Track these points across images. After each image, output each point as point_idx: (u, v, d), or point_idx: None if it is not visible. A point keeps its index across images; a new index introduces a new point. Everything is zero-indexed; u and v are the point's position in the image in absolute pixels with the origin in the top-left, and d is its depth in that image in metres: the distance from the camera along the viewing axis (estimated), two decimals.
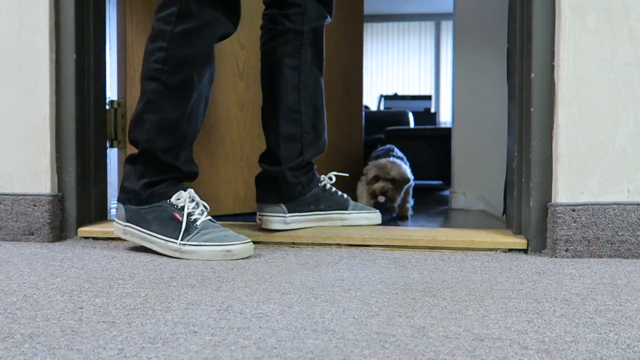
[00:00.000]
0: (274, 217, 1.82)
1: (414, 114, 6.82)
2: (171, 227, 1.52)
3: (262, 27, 1.89)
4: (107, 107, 1.97)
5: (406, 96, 7.59)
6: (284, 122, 1.82)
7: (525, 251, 1.60)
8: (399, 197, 2.57)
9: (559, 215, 1.52)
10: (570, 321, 0.97)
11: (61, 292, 1.14)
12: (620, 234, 1.52)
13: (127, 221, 1.59)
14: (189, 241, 1.49)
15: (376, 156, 2.76)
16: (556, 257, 1.53)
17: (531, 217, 1.59)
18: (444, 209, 3.15)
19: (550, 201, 1.57)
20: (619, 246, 1.52)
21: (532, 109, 1.58)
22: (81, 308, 1.03)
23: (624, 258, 1.52)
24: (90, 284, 1.21)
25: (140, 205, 1.57)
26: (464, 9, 3.14)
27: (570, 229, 1.52)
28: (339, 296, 1.12)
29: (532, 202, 1.59)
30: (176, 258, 1.50)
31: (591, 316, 1.00)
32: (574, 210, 1.52)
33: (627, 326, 0.95)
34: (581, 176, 1.54)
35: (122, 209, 1.60)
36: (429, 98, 7.59)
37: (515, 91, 1.70)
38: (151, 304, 1.06)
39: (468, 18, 3.12)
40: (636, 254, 1.52)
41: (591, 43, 1.54)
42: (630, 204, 1.53)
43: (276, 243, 1.68)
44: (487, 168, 3.01)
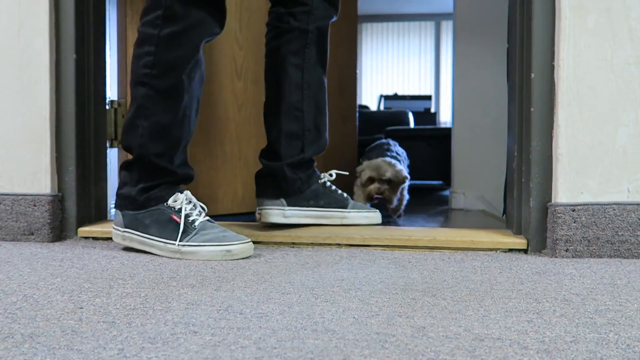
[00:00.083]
0: (273, 210, 1.82)
1: (414, 114, 6.82)
2: (169, 229, 1.52)
3: (267, 25, 1.89)
4: (107, 107, 1.97)
5: (406, 96, 7.59)
6: (286, 119, 1.83)
7: (525, 251, 1.60)
8: (396, 197, 2.47)
9: (559, 215, 1.52)
10: (570, 321, 0.97)
11: (61, 292, 1.14)
12: (620, 234, 1.52)
13: (126, 227, 1.59)
14: (188, 242, 1.49)
15: (369, 150, 2.65)
16: (556, 257, 1.53)
17: (531, 217, 1.59)
18: (444, 209, 3.15)
19: (550, 201, 1.57)
20: (619, 246, 1.52)
21: (532, 109, 1.58)
22: (81, 308, 1.03)
23: (624, 258, 1.52)
24: (90, 284, 1.21)
25: (137, 210, 1.57)
26: (464, 9, 3.14)
27: (570, 229, 1.52)
28: (339, 296, 1.12)
29: (532, 202, 1.59)
30: (176, 259, 1.50)
31: (591, 316, 1.00)
32: (574, 210, 1.52)
33: (627, 326, 0.95)
34: (581, 176, 1.54)
35: (119, 215, 1.60)
36: (429, 98, 7.59)
37: (515, 91, 1.70)
38: (151, 304, 1.06)
39: (468, 18, 3.12)
40: (636, 254, 1.52)
41: (591, 43, 1.54)
42: (630, 204, 1.53)
43: (276, 243, 1.68)
44: (487, 168, 3.01)
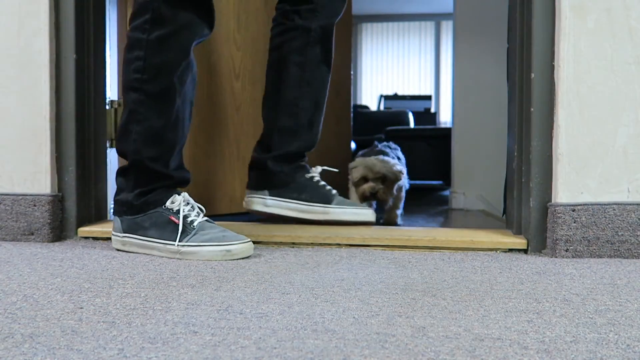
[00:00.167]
0: (255, 199, 1.92)
1: (414, 114, 6.82)
2: (168, 231, 1.52)
3: (273, 20, 1.92)
4: (107, 107, 1.97)
5: (406, 96, 7.59)
6: (282, 115, 1.88)
7: (525, 251, 1.60)
8: (392, 196, 2.31)
9: (559, 215, 1.52)
10: (570, 321, 0.97)
11: (61, 292, 1.14)
12: (620, 234, 1.52)
13: (124, 231, 1.59)
14: (187, 242, 1.49)
15: (363, 154, 2.51)
16: (556, 257, 1.53)
17: (531, 217, 1.59)
18: (444, 209, 3.15)
19: (550, 201, 1.57)
20: (619, 246, 1.52)
21: (532, 109, 1.58)
22: (81, 308, 1.03)
23: (624, 258, 1.52)
24: (90, 284, 1.21)
25: (135, 215, 1.57)
26: (464, 9, 3.14)
27: (570, 229, 1.52)
28: (339, 296, 1.12)
29: (532, 202, 1.59)
30: (176, 259, 1.50)
31: (591, 316, 1.00)
32: (574, 210, 1.52)
33: (627, 326, 0.95)
34: (581, 176, 1.54)
35: (118, 221, 1.60)
36: (429, 98, 7.59)
37: (515, 91, 1.70)
38: (151, 304, 1.06)
39: (468, 18, 3.12)
40: (636, 254, 1.52)
41: (591, 43, 1.54)
42: (630, 204, 1.53)
43: (276, 243, 1.68)
44: (487, 168, 3.01)
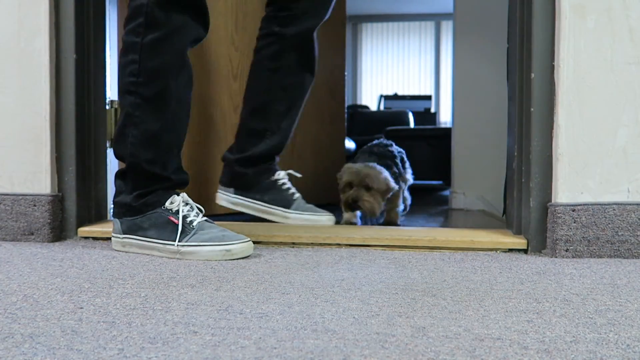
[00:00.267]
0: (222, 195, 2.02)
1: (414, 114, 6.82)
2: (168, 231, 1.52)
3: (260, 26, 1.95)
4: (107, 107, 1.97)
5: (406, 96, 7.59)
6: (252, 118, 1.95)
7: (525, 251, 1.60)
8: (380, 207, 2.15)
9: (559, 215, 1.52)
10: (570, 321, 0.97)
11: (61, 292, 1.14)
12: (620, 234, 1.52)
13: (124, 233, 1.59)
14: (187, 242, 1.49)
15: (361, 152, 2.38)
16: (556, 257, 1.53)
17: (531, 217, 1.59)
18: (444, 209, 3.15)
19: (550, 201, 1.57)
20: (619, 246, 1.52)
21: (532, 109, 1.58)
22: (81, 308, 1.03)
23: (624, 258, 1.52)
24: (90, 284, 1.21)
25: (135, 216, 1.58)
26: (464, 9, 3.14)
27: (570, 229, 1.52)
28: (339, 296, 1.12)
29: (532, 202, 1.58)
30: (176, 259, 1.50)
31: (591, 316, 1.00)
32: (574, 210, 1.52)
33: (627, 326, 0.95)
34: (581, 176, 1.54)
35: (118, 223, 1.61)
36: (429, 98, 7.59)
37: (515, 91, 1.70)
38: (151, 304, 1.06)
39: (468, 18, 3.12)
40: (636, 254, 1.52)
41: (591, 43, 1.54)
42: (630, 204, 1.53)
43: (276, 243, 1.68)
44: (487, 168, 3.01)
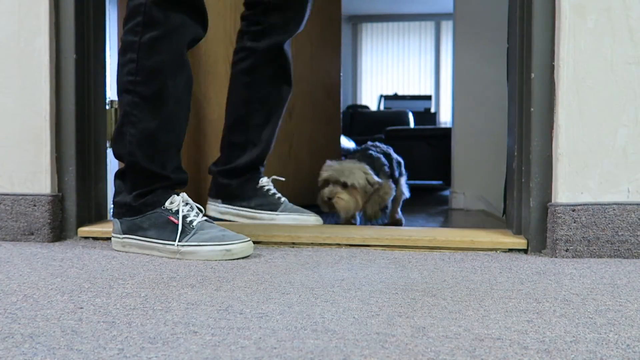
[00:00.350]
0: (210, 206, 2.07)
1: (414, 114, 6.82)
2: (168, 231, 1.52)
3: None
4: (107, 107, 1.97)
5: (406, 96, 7.59)
6: (232, 131, 1.99)
7: (525, 251, 1.60)
8: (357, 205, 2.05)
9: (559, 215, 1.52)
10: (570, 321, 0.97)
11: (61, 292, 1.14)
12: (620, 234, 1.52)
13: (124, 233, 1.59)
14: (187, 242, 1.49)
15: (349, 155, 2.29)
16: (556, 257, 1.53)
17: (531, 217, 1.59)
18: (444, 209, 3.15)
19: (550, 201, 1.57)
20: (619, 246, 1.52)
21: (532, 109, 1.58)
22: (81, 308, 1.03)
23: (624, 258, 1.52)
24: (90, 284, 1.21)
25: (134, 216, 1.58)
26: (464, 9, 3.14)
27: (570, 229, 1.52)
28: (339, 296, 1.12)
29: (532, 202, 1.58)
30: (176, 259, 1.50)
31: (591, 316, 1.00)
32: (574, 210, 1.52)
33: (627, 326, 0.95)
34: (581, 176, 1.54)
35: (117, 223, 1.61)
36: (429, 98, 7.59)
37: (515, 91, 1.70)
38: (151, 304, 1.06)
39: (468, 18, 3.12)
40: (636, 254, 1.52)
41: (591, 43, 1.54)
42: (630, 204, 1.53)
43: (276, 243, 1.68)
44: (487, 168, 3.01)
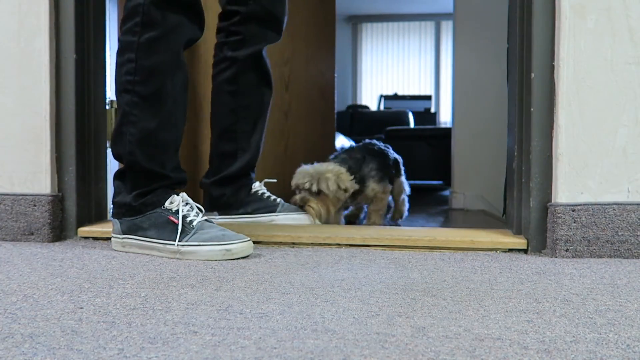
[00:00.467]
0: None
1: (414, 114, 6.82)
2: (168, 230, 1.52)
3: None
4: (107, 107, 1.97)
5: (406, 96, 7.59)
6: (220, 141, 1.99)
7: (525, 251, 1.60)
8: (330, 211, 2.02)
9: (559, 215, 1.52)
10: (570, 321, 0.97)
11: (61, 292, 1.14)
12: (620, 234, 1.52)
13: (124, 233, 1.59)
14: (187, 242, 1.49)
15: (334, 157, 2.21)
16: (556, 257, 1.53)
17: (531, 217, 1.59)
18: (444, 209, 3.15)
19: (550, 201, 1.57)
20: (619, 246, 1.52)
21: (532, 109, 1.58)
22: (81, 308, 1.03)
23: (624, 258, 1.52)
24: (90, 284, 1.21)
25: (134, 216, 1.58)
26: (464, 9, 3.14)
27: (570, 229, 1.52)
28: (339, 296, 1.12)
29: (532, 202, 1.58)
30: (176, 259, 1.50)
31: (591, 316, 1.00)
32: (574, 210, 1.52)
33: (627, 326, 0.95)
34: (581, 176, 1.54)
35: (117, 223, 1.61)
36: (429, 98, 7.59)
37: (515, 91, 1.70)
38: (151, 304, 1.06)
39: (468, 18, 3.12)
40: (636, 254, 1.52)
41: (591, 43, 1.54)
42: (630, 204, 1.53)
43: (276, 243, 1.68)
44: (487, 168, 3.01)
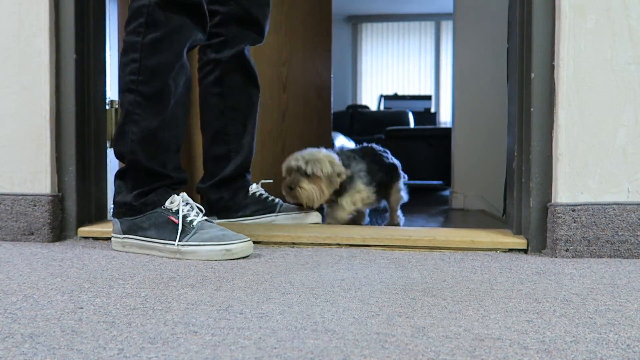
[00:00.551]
0: None
1: (414, 114, 6.82)
2: (168, 230, 1.52)
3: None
4: (107, 107, 1.97)
5: (406, 96, 7.59)
6: (212, 144, 1.99)
7: (525, 251, 1.60)
8: (323, 195, 1.97)
9: (559, 215, 1.52)
10: (570, 321, 0.97)
11: (61, 292, 1.14)
12: (620, 234, 1.52)
13: (124, 233, 1.59)
14: (187, 242, 1.49)
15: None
16: (556, 257, 1.53)
17: (531, 217, 1.59)
18: (444, 209, 3.15)
19: (550, 201, 1.57)
20: (619, 246, 1.52)
21: (532, 109, 1.58)
22: (81, 308, 1.03)
23: (624, 258, 1.52)
24: (90, 284, 1.21)
25: (134, 216, 1.58)
26: (464, 9, 3.14)
27: (570, 229, 1.52)
28: (339, 296, 1.12)
29: (532, 202, 1.59)
30: (176, 259, 1.50)
31: (591, 316, 1.00)
32: (574, 210, 1.52)
33: (627, 326, 0.95)
34: (581, 176, 1.54)
35: (117, 223, 1.61)
36: (429, 98, 7.59)
37: (515, 91, 1.70)
38: (151, 304, 1.06)
39: (468, 18, 3.13)
40: (636, 254, 1.52)
41: (591, 43, 1.54)
42: (630, 204, 1.53)
43: (276, 243, 1.68)
44: (487, 168, 3.01)
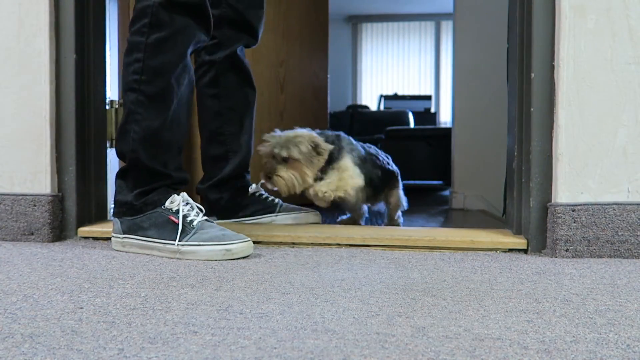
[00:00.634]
0: None
1: (414, 114, 6.82)
2: (168, 230, 1.52)
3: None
4: (107, 107, 1.97)
5: (406, 96, 7.59)
6: (209, 145, 1.99)
7: (525, 251, 1.60)
8: (305, 180, 1.83)
9: (559, 215, 1.52)
10: (570, 321, 0.97)
11: (61, 292, 1.14)
12: (620, 234, 1.52)
13: (124, 233, 1.59)
14: (187, 242, 1.49)
15: None
16: (556, 257, 1.53)
17: (531, 217, 1.59)
18: (444, 209, 3.15)
19: (550, 201, 1.57)
20: (619, 246, 1.52)
21: (532, 109, 1.58)
22: (81, 308, 1.03)
23: (624, 258, 1.52)
24: (90, 284, 1.21)
25: (135, 216, 1.58)
26: (464, 9, 3.14)
27: (570, 229, 1.52)
28: (339, 296, 1.12)
29: (532, 202, 1.59)
30: (176, 259, 1.50)
31: (591, 316, 1.00)
32: (574, 210, 1.52)
33: (627, 326, 0.95)
34: (581, 176, 1.54)
35: (118, 223, 1.61)
36: (429, 98, 7.59)
37: (515, 91, 1.70)
38: (151, 304, 1.06)
39: (468, 18, 3.12)
40: (636, 254, 1.52)
41: (591, 43, 1.54)
42: (630, 204, 1.53)
43: (276, 243, 1.68)
44: (487, 168, 3.01)
